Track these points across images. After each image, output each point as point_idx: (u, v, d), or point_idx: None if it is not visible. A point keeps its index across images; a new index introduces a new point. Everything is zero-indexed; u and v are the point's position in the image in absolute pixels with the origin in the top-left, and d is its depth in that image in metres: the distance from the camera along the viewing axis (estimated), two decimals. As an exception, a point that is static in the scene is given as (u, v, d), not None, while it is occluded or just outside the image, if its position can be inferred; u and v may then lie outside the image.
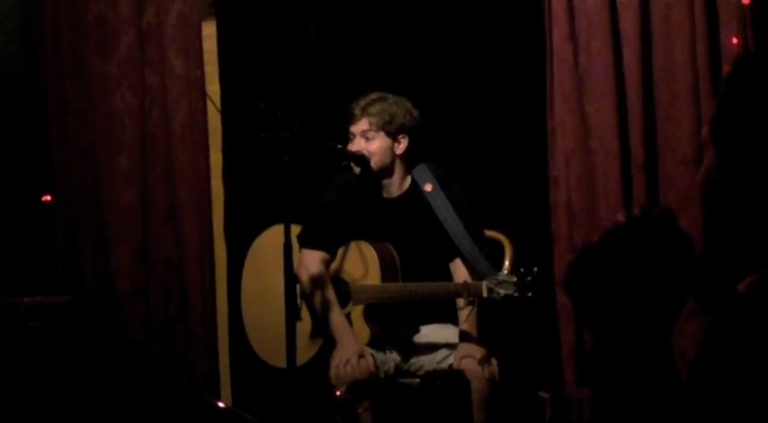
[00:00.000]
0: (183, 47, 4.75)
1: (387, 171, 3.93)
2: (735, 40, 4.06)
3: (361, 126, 3.90)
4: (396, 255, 3.87)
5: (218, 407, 4.19)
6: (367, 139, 3.89)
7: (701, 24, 4.10)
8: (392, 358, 3.88)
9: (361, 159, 3.86)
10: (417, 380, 3.84)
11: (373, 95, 3.95)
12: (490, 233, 4.14)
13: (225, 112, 4.78)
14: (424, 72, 4.55)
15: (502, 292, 3.61)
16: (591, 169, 4.30)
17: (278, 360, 3.74)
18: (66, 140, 4.87)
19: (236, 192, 4.77)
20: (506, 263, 4.03)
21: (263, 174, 4.55)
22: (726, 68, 4.02)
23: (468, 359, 3.72)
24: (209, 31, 4.80)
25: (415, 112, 3.95)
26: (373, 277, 3.83)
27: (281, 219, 3.61)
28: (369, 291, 3.82)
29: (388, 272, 3.84)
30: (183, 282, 4.76)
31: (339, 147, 3.91)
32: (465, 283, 3.72)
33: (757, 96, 1.46)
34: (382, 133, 3.89)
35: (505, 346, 3.96)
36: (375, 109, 3.90)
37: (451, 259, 3.88)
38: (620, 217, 1.46)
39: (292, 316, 3.47)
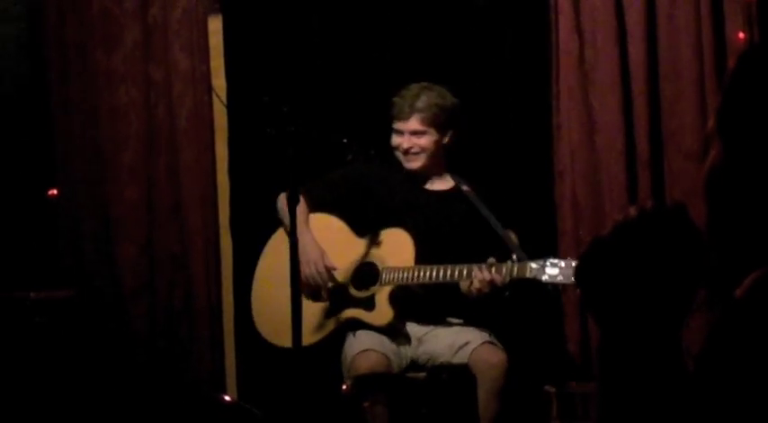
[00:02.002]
0: (189, 42, 4.74)
1: (436, 165, 3.97)
2: (741, 35, 4.06)
3: (411, 125, 3.92)
4: (430, 246, 3.87)
5: (224, 401, 4.20)
6: (417, 135, 3.91)
7: (706, 19, 4.10)
8: (406, 355, 3.88)
9: (367, 154, 3.88)
10: (423, 374, 3.85)
11: (415, 88, 3.96)
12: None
13: (230, 107, 4.78)
14: (430, 67, 4.54)
15: (546, 273, 3.59)
16: (596, 164, 4.30)
17: (284, 340, 3.76)
18: (70, 136, 4.87)
19: (242, 186, 4.77)
20: (513, 257, 4.03)
21: (269, 168, 4.55)
22: (731, 63, 4.02)
23: (491, 348, 3.73)
24: (215, 26, 4.80)
25: (458, 102, 3.97)
26: (406, 261, 3.84)
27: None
28: (400, 271, 3.83)
29: (421, 257, 3.84)
30: (189, 276, 4.76)
31: (345, 141, 3.92)
32: (508, 263, 3.69)
33: (763, 90, 1.46)
34: (432, 129, 3.92)
35: (511, 341, 3.96)
36: (423, 104, 3.92)
37: (484, 259, 3.81)
38: (633, 210, 1.46)
39: (297, 301, 3.47)
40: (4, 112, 4.83)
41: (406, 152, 3.96)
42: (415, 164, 3.96)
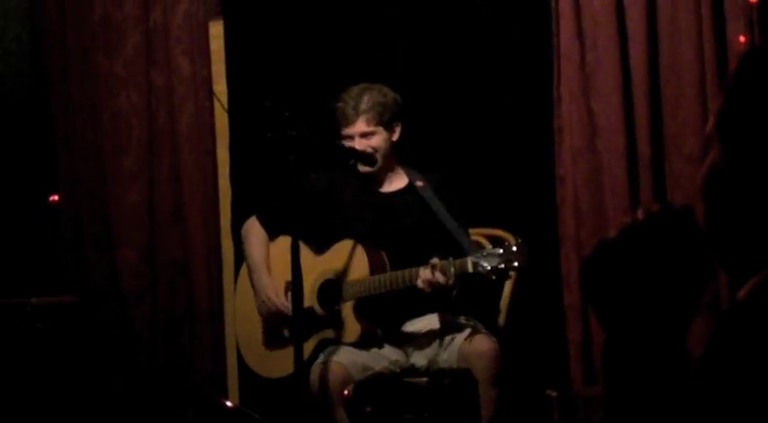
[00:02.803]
0: (190, 47, 4.75)
1: (389, 163, 3.95)
2: (742, 39, 4.06)
3: (359, 127, 3.88)
4: (383, 251, 3.85)
5: (226, 406, 4.20)
6: (367, 136, 3.89)
7: (707, 22, 4.10)
8: (390, 356, 3.86)
9: (369, 157, 3.87)
10: (425, 379, 3.83)
11: (355, 90, 3.93)
12: (497, 232, 4.14)
13: (231, 112, 4.78)
14: (431, 71, 4.55)
15: (486, 264, 3.50)
16: (597, 168, 4.29)
17: (275, 371, 3.84)
18: (72, 141, 4.87)
19: (243, 191, 4.77)
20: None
21: (270, 173, 4.55)
22: (732, 65, 4.01)
23: (478, 337, 3.73)
24: (216, 30, 4.80)
25: (397, 96, 3.96)
26: (362, 271, 3.81)
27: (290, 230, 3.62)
28: (358, 284, 3.80)
29: (376, 265, 3.82)
30: (190, 281, 4.76)
31: (346, 146, 3.92)
32: (449, 261, 3.61)
33: (765, 92, 1.46)
34: (380, 127, 3.90)
35: (513, 345, 3.96)
36: (366, 105, 3.88)
37: (443, 257, 3.75)
38: (639, 213, 1.46)
39: (299, 311, 3.47)
40: (6, 118, 4.83)
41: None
42: (370, 168, 3.94)
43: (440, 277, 3.59)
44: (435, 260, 3.62)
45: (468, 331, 3.79)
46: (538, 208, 4.41)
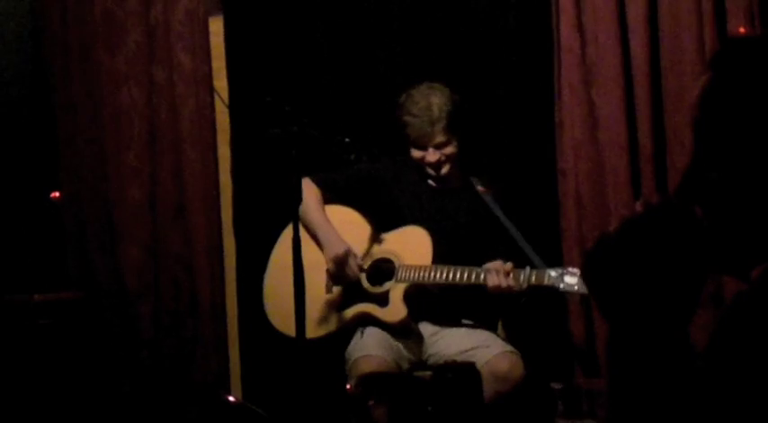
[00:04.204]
0: (191, 43, 4.75)
1: (456, 167, 3.97)
2: (742, 30, 4.05)
3: (435, 139, 3.91)
4: (447, 246, 3.87)
5: (229, 401, 4.20)
6: (442, 146, 3.94)
7: (708, 14, 4.09)
8: (416, 354, 3.88)
9: (371, 153, 3.88)
10: (429, 372, 3.84)
11: (422, 97, 3.92)
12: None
13: (233, 108, 4.78)
14: (431, 65, 4.54)
15: (572, 283, 3.56)
16: (599, 161, 4.29)
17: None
18: (73, 137, 4.87)
19: (245, 187, 4.77)
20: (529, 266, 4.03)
21: (272, 168, 4.55)
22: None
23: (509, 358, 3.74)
24: (217, 26, 4.80)
25: (459, 98, 3.99)
26: (424, 259, 3.83)
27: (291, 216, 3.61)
28: (416, 270, 3.81)
29: (438, 256, 3.83)
30: (193, 277, 4.76)
31: (347, 140, 3.92)
32: (526, 269, 3.67)
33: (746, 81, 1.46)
34: (453, 136, 3.95)
35: (517, 338, 3.96)
36: (438, 113, 3.90)
37: (491, 258, 3.80)
38: (638, 205, 1.46)
39: (301, 303, 3.47)
40: (8, 115, 4.83)
41: (435, 164, 3.95)
42: (444, 171, 3.96)
43: (511, 282, 3.62)
44: (510, 264, 3.65)
45: (496, 348, 3.78)
46: (539, 201, 4.41)
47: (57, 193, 4.87)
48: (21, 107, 4.88)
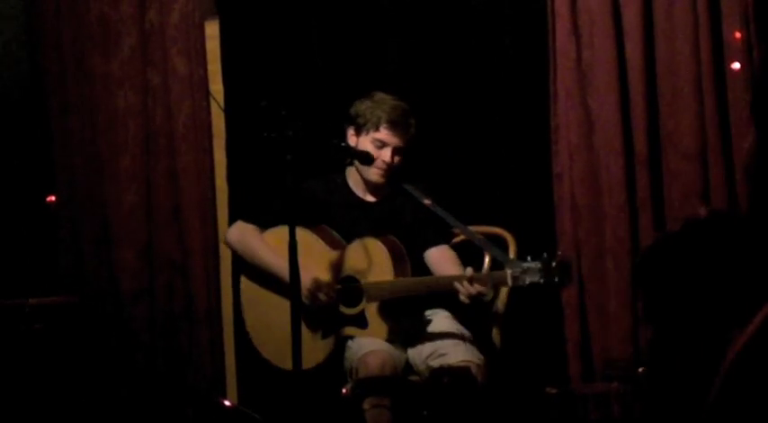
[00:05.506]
0: (186, 46, 4.74)
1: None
2: (737, 35, 4.06)
3: (400, 142, 3.94)
4: (403, 247, 3.87)
5: (225, 405, 4.20)
6: (399, 152, 3.95)
7: (703, 19, 4.10)
8: (404, 355, 3.88)
9: (366, 157, 3.87)
10: (424, 377, 3.84)
11: (398, 104, 3.97)
12: (494, 229, 4.15)
13: (228, 112, 4.78)
14: (427, 70, 4.55)
15: (527, 279, 3.53)
16: (594, 165, 4.30)
17: (288, 363, 3.75)
18: (68, 141, 4.87)
19: (240, 191, 4.77)
20: (487, 259, 4.04)
21: (267, 172, 4.55)
22: (730, 61, 4.02)
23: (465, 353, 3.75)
24: (212, 30, 4.80)
25: None
26: (385, 273, 3.82)
27: (286, 218, 3.60)
28: (384, 287, 3.81)
29: (399, 266, 3.83)
30: (188, 281, 4.75)
31: (343, 144, 3.92)
32: (489, 273, 3.69)
33: None
34: (406, 148, 3.95)
35: (511, 343, 3.96)
36: (410, 122, 3.96)
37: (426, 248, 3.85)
38: (703, 211, 1.45)
39: (298, 316, 3.47)
40: (3, 118, 4.83)
41: (385, 167, 3.95)
42: (384, 178, 3.97)
43: (479, 288, 3.63)
44: (470, 270, 3.66)
45: (461, 356, 3.79)
46: (535, 205, 4.41)
47: (52, 197, 4.87)
48: (16, 111, 4.87)
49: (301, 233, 3.75)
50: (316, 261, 3.86)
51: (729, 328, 1.42)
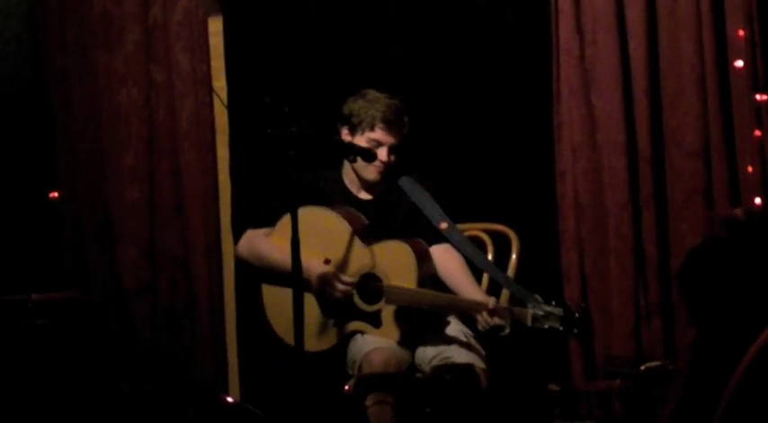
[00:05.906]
0: (189, 43, 4.74)
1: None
2: (741, 33, 4.07)
3: (395, 140, 3.93)
4: (430, 255, 3.87)
5: (227, 402, 4.20)
6: (394, 150, 3.94)
7: (707, 17, 4.10)
8: (409, 355, 3.89)
9: (369, 153, 3.87)
10: (427, 373, 3.84)
11: (392, 103, 3.95)
12: (497, 227, 4.15)
13: (231, 108, 4.78)
14: (430, 66, 4.55)
15: (547, 324, 3.57)
16: (598, 163, 4.30)
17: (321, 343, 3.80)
18: (71, 137, 4.86)
19: (244, 187, 4.77)
20: (513, 256, 4.03)
21: (271, 169, 4.55)
22: (732, 60, 4.02)
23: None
24: (216, 26, 4.80)
25: None
26: (409, 280, 3.82)
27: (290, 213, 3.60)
28: (404, 294, 3.80)
29: (424, 275, 3.84)
30: (191, 277, 4.75)
31: (347, 141, 3.92)
32: (509, 307, 3.69)
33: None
34: (399, 144, 3.95)
35: (514, 340, 3.96)
36: (404, 121, 3.94)
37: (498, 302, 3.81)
38: (738, 212, 1.45)
39: (300, 311, 3.46)
40: (6, 114, 4.83)
41: (381, 166, 3.95)
42: (379, 176, 3.97)
43: (498, 322, 3.65)
44: (493, 301, 3.68)
45: (465, 349, 3.80)
46: (538, 203, 4.42)
47: (55, 193, 4.87)
48: (19, 107, 4.87)
49: (335, 221, 3.82)
50: (339, 249, 3.87)
51: None
